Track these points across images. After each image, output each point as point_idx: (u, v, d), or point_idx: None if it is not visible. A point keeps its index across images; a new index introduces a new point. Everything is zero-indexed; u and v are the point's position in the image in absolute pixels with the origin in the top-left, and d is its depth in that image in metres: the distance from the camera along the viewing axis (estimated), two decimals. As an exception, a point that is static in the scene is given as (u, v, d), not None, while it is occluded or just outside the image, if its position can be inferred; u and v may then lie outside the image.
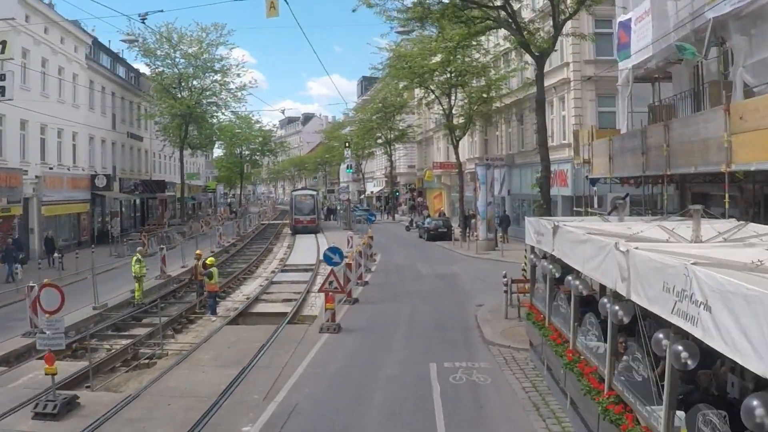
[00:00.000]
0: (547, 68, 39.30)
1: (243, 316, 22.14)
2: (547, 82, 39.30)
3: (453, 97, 45.62)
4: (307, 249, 41.54)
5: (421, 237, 49.16)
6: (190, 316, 22.78)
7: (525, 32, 28.12)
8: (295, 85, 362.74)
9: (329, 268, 18.93)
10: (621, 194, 22.87)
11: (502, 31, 39.32)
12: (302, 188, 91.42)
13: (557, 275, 12.51)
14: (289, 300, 24.04)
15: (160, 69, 55.75)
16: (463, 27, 30.73)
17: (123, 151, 57.11)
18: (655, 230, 9.60)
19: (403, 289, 25.52)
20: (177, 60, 56.02)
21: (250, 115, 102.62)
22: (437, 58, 43.21)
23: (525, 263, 20.62)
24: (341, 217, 54.34)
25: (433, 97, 48.98)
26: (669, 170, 16.23)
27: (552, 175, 38.23)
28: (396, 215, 79.38)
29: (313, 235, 52.30)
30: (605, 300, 8.98)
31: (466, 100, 45.37)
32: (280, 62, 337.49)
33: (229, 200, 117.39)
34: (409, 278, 28.61)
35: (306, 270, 31.84)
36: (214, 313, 22.62)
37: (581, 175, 27.38)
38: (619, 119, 24.56)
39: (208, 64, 57.00)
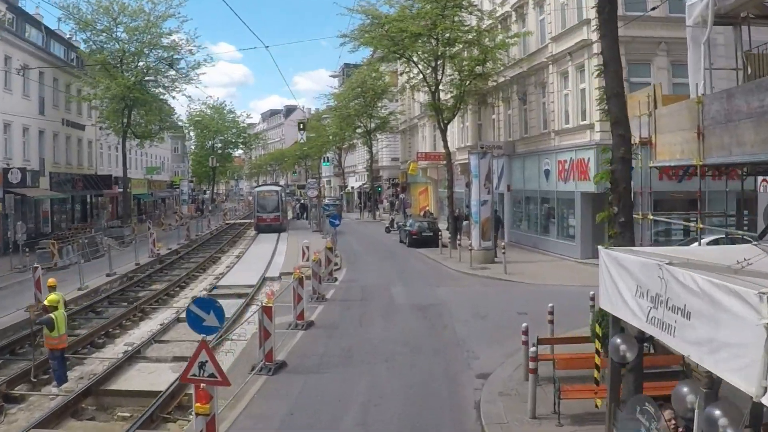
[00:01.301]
0: (559, 28, 31.18)
1: (96, 396, 13.65)
2: (558, 48, 31.09)
3: (440, 72, 37.11)
4: (258, 259, 33.22)
5: (402, 242, 40.88)
6: (16, 389, 14.26)
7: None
8: (282, 80, 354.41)
9: (268, 289, 10.86)
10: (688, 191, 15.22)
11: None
12: (266, 183, 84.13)
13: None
14: (183, 358, 15.07)
15: (99, 46, 47.07)
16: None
17: (56, 141, 48.41)
18: None
19: (364, 338, 16.78)
20: (118, 35, 47.49)
21: (223, 105, 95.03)
22: (419, 23, 34.63)
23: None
24: (312, 217, 46.55)
25: (416, 73, 40.43)
26: None
27: (566, 167, 30.12)
28: (378, 213, 71.17)
29: (276, 235, 45.62)
30: None
31: (455, 75, 36.87)
32: (266, 57, 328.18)
33: (199, 196, 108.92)
34: (377, 313, 20.01)
35: (239, 296, 23.43)
36: (60, 381, 14.20)
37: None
38: (691, 79, 16.25)
39: (154, 40, 48.40)
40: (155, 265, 32.94)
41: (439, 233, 37.05)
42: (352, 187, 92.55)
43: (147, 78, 47.59)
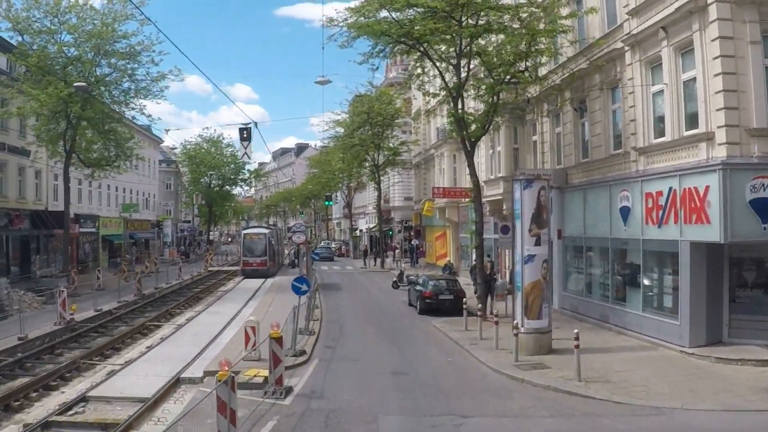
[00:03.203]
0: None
1: None
2: (642, 23, 20.65)
3: (464, 71, 26.59)
4: (197, 336, 22.48)
5: (412, 305, 30.30)
6: None
7: None
8: (299, 121, 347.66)
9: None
10: None
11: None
12: (253, 226, 75.15)
13: None
14: None
15: (40, 49, 37.22)
16: None
17: (-15, 170, 38.79)
18: None
19: None
20: (62, 38, 37.73)
21: (220, 138, 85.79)
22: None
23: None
24: (303, 265, 36.70)
25: (432, 76, 29.88)
26: None
27: (661, 202, 19.62)
28: (389, 260, 60.61)
29: (251, 293, 35.95)
30: None
31: (486, 74, 26.26)
32: (281, 99, 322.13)
33: (195, 239, 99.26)
34: None
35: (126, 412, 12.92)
36: None
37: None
38: None
39: (109, 46, 38.62)
40: (47, 339, 22.62)
41: (464, 299, 26.49)
42: (361, 230, 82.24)
43: (107, 92, 37.58)
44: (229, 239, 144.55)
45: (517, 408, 13.72)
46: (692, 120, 18.56)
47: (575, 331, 15.73)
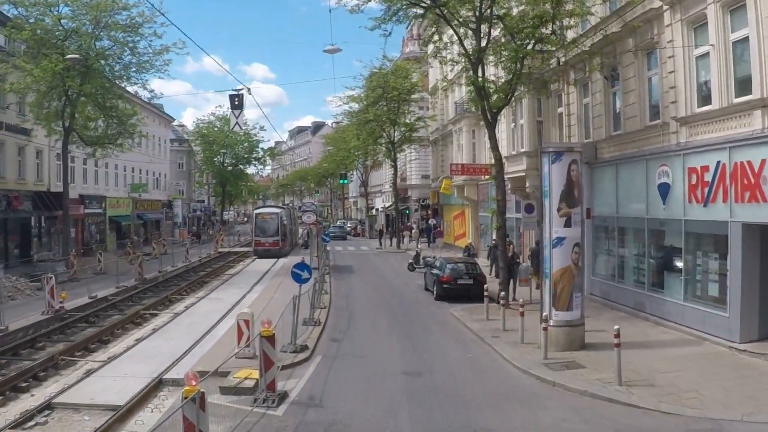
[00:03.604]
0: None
1: None
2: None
3: (485, 36, 24.28)
4: (191, 327, 20.66)
5: (428, 290, 28.33)
6: None
7: None
8: (316, 100, 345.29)
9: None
10: None
11: None
12: (266, 205, 73.67)
13: None
14: None
15: (33, 22, 35.27)
16: None
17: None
18: None
19: None
20: (59, 11, 35.76)
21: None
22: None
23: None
24: (311, 246, 34.97)
25: (448, 40, 27.48)
26: None
27: (707, 178, 17.41)
28: (405, 240, 58.66)
29: (257, 277, 34.08)
30: None
31: (509, 39, 23.89)
32: (300, 78, 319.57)
33: (210, 218, 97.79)
34: None
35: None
36: None
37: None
38: None
39: (108, 18, 36.58)
40: (30, 331, 20.90)
41: (483, 280, 24.48)
42: (377, 209, 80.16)
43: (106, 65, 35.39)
44: (245, 219, 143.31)
45: (549, 421, 11.66)
46: (744, 85, 16.24)
47: (616, 327, 13.54)
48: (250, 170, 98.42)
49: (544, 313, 16.28)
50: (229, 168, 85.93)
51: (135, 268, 34.91)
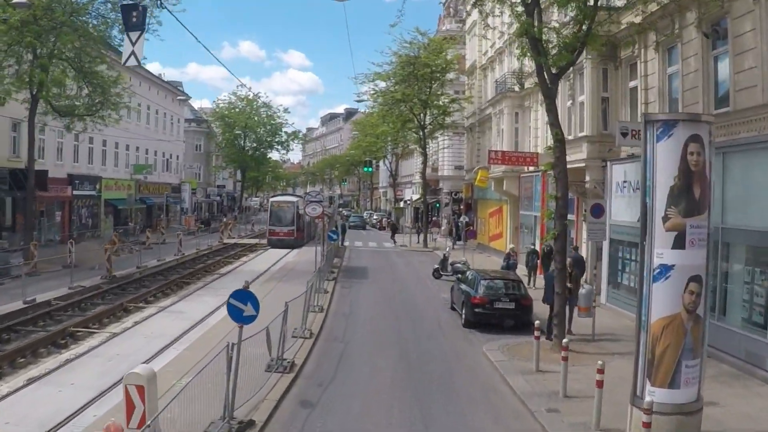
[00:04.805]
0: None
1: None
2: None
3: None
4: (121, 357, 14.64)
5: (454, 309, 21.99)
6: None
7: None
8: (351, 87, 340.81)
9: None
10: None
11: None
12: (284, 193, 68.87)
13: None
14: None
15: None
16: None
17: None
18: None
19: None
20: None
21: (257, 96, 78.82)
22: None
23: None
24: (319, 241, 29.20)
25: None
26: None
27: None
28: (436, 238, 52.61)
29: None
30: None
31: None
32: (335, 66, 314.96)
33: (225, 204, 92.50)
34: None
35: None
36: None
37: None
38: None
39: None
40: None
41: (531, 309, 18.22)
42: (405, 201, 73.91)
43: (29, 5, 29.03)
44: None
45: None
46: None
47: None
48: (274, 155, 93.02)
49: (639, 390, 9.81)
50: (250, 152, 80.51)
51: (105, 263, 29.09)
